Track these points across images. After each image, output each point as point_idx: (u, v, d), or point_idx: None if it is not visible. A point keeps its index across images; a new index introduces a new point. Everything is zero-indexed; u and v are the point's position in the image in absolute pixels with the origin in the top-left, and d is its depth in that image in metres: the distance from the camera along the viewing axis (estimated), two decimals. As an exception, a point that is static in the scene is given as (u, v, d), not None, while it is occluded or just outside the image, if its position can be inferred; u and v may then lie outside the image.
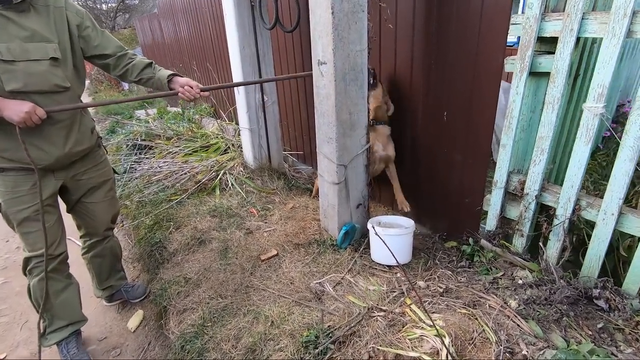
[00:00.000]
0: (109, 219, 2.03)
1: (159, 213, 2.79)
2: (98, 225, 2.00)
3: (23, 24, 1.49)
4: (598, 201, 1.58)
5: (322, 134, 2.14)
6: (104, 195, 1.95)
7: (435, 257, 2.15)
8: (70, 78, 1.65)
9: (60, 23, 1.59)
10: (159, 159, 3.88)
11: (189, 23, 5.79)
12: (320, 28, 1.88)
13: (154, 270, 2.31)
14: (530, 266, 1.81)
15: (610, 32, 1.34)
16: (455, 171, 2.18)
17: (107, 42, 1.77)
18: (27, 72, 1.49)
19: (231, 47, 3.00)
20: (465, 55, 1.89)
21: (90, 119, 1.84)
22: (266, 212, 2.77)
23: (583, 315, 1.54)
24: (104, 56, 1.77)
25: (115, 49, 1.78)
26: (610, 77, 1.38)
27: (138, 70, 1.80)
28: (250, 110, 3.11)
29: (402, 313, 1.70)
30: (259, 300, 1.89)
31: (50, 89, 1.56)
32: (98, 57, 1.77)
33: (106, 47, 1.76)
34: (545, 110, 1.61)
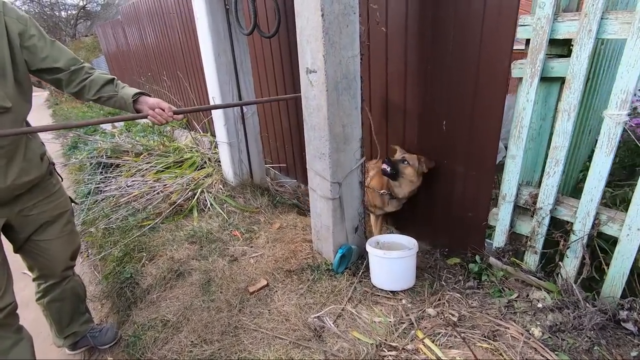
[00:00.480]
0: (67, 256, 1.73)
1: (129, 242, 2.48)
2: (54, 265, 1.69)
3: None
4: (621, 215, 1.46)
5: (314, 149, 1.93)
6: (60, 231, 1.65)
7: (441, 278, 1.99)
8: (11, 96, 1.35)
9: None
10: (128, 178, 3.54)
11: (156, 29, 5.45)
12: (308, 32, 1.68)
13: (126, 311, 2.01)
14: (547, 286, 1.67)
15: (636, 32, 1.22)
16: (457, 183, 2.03)
17: (58, 53, 1.47)
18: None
19: (204, 54, 2.74)
20: (466, 60, 1.74)
21: (39, 143, 1.54)
22: (251, 234, 2.52)
23: (613, 342, 1.41)
24: (55, 70, 1.47)
25: (68, 62, 1.49)
26: (635, 81, 1.26)
27: (97, 87, 1.51)
28: (229, 122, 2.86)
29: (415, 350, 1.51)
30: (251, 343, 1.64)
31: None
32: (47, 72, 1.47)
33: (57, 59, 1.47)
34: (560, 119, 1.48)
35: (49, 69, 1.46)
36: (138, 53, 6.71)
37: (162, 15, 5.01)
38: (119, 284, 2.13)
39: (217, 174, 3.24)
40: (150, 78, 6.27)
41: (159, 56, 5.68)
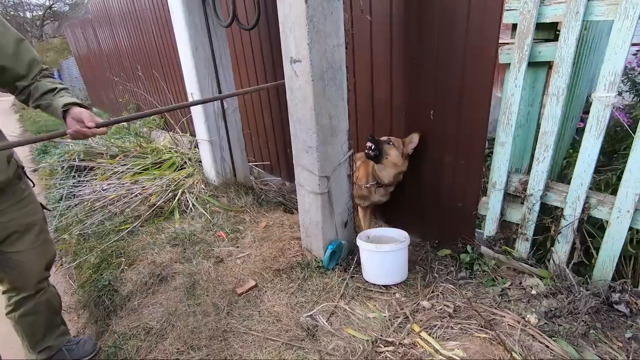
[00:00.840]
0: (42, 267, 1.60)
1: (107, 247, 2.34)
2: (28, 278, 1.56)
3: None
4: (610, 198, 1.46)
5: (300, 143, 1.86)
6: (33, 241, 1.52)
7: (433, 270, 1.96)
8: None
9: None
10: (103, 181, 3.36)
11: (128, 28, 5.24)
12: (291, 20, 1.61)
13: (105, 321, 1.88)
14: (539, 273, 1.67)
15: (622, 13, 1.22)
16: (445, 173, 2.01)
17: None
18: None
19: (181, 48, 2.63)
20: (453, 47, 1.71)
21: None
22: (237, 234, 2.43)
23: (608, 324, 1.41)
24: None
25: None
26: (623, 63, 1.26)
27: (38, 94, 1.37)
28: (209, 119, 2.75)
29: (412, 344, 1.47)
30: (242, 347, 1.56)
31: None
32: None
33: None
34: (550, 103, 1.47)
35: None
36: (111, 53, 6.45)
37: (135, 13, 4.82)
38: (97, 292, 2.00)
39: (198, 174, 3.12)
40: (124, 78, 6.03)
41: (133, 55, 5.46)
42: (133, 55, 5.48)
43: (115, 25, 5.70)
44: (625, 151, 1.87)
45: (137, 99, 5.92)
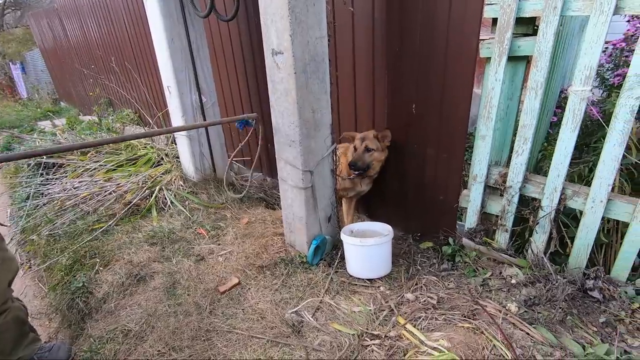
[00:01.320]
0: (4, 287, 1.49)
1: (79, 248, 2.23)
2: None
3: None
4: (585, 189, 1.52)
5: (283, 137, 1.83)
6: None
7: (416, 262, 1.98)
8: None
9: None
10: (74, 179, 3.21)
11: (98, 18, 5.00)
12: (272, 11, 1.57)
13: (79, 325, 1.79)
14: (518, 262, 1.72)
15: (598, 8, 1.25)
16: (427, 167, 2.03)
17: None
18: None
19: (156, 40, 2.52)
20: (435, 40, 1.72)
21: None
22: (218, 231, 2.37)
23: (583, 310, 1.46)
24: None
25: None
26: (597, 58, 1.30)
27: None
28: (187, 114, 2.66)
29: (398, 337, 1.48)
30: (225, 346, 1.52)
31: None
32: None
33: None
34: (528, 97, 1.50)
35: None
36: (79, 45, 6.14)
37: (106, 3, 4.60)
38: (70, 295, 1.91)
39: (176, 170, 3.02)
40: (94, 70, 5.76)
41: (104, 47, 5.22)
42: (104, 47, 5.24)
43: (84, 14, 5.43)
44: (596, 144, 1.94)
45: (109, 92, 5.67)
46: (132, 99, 4.92)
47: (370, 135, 2.02)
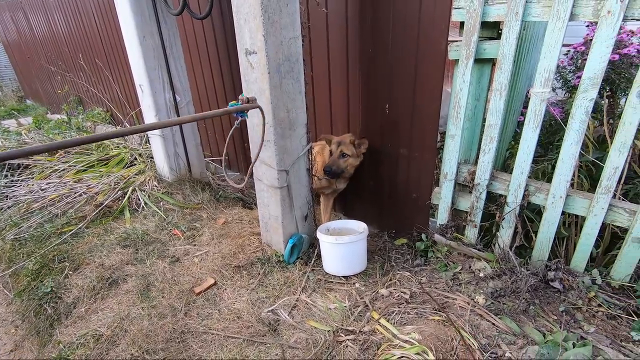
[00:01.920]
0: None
1: (47, 252, 2.15)
2: None
3: None
4: (546, 185, 1.60)
5: (257, 137, 1.83)
6: None
7: (391, 259, 2.03)
8: None
9: None
10: (41, 180, 3.08)
11: (66, 13, 4.80)
12: (246, 10, 1.57)
13: (48, 331, 1.74)
14: (486, 256, 1.79)
15: (555, 15, 1.33)
16: (401, 166, 2.08)
17: None
18: None
19: (127, 37, 2.46)
20: (406, 42, 1.76)
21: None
22: (193, 232, 2.34)
23: (545, 300, 1.55)
24: None
25: None
26: (556, 62, 1.37)
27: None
28: (160, 112, 2.61)
29: (372, 331, 1.52)
30: (201, 347, 1.52)
31: None
32: None
33: None
34: (493, 98, 1.57)
35: None
36: (46, 40, 5.87)
37: (73, -4, 4.43)
38: (37, 301, 1.84)
39: (150, 170, 2.96)
40: (62, 67, 5.54)
41: (73, 42, 5.02)
42: (72, 43, 5.04)
43: (50, 8, 5.20)
44: (558, 142, 2.04)
45: (79, 90, 5.47)
46: (104, 98, 4.76)
47: (347, 141, 2.05)
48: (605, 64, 1.29)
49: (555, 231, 1.66)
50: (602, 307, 1.49)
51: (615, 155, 1.37)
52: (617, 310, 1.47)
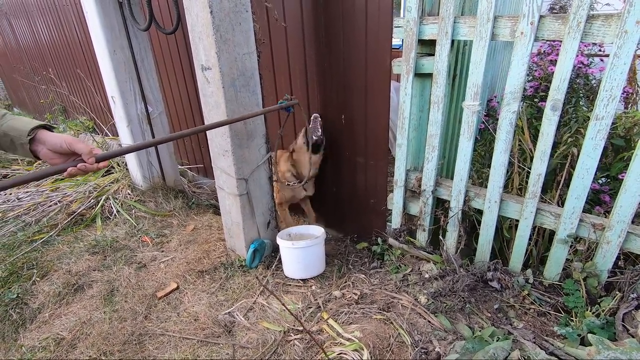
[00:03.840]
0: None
1: (17, 259, 2.21)
2: None
3: None
4: (483, 191, 1.71)
5: (216, 147, 1.92)
6: None
7: (349, 262, 2.13)
8: None
9: None
10: (18, 189, 3.13)
11: (48, 23, 4.88)
12: (199, 29, 1.67)
13: (12, 336, 1.79)
14: (433, 258, 1.89)
15: (478, 35, 1.44)
16: (358, 173, 2.18)
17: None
18: None
19: (98, 51, 2.55)
20: (357, 57, 1.88)
21: None
22: (162, 238, 2.42)
23: (481, 299, 1.65)
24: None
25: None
26: (482, 77, 1.49)
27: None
28: (132, 123, 2.70)
29: (319, 330, 1.61)
30: (156, 349, 1.59)
31: None
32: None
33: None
34: (432, 110, 1.68)
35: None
36: (30, 49, 5.94)
37: (55, 7, 4.51)
38: (3, 307, 1.90)
39: (125, 179, 3.03)
40: (47, 77, 5.60)
41: (55, 53, 5.10)
42: (55, 52, 5.11)
43: (33, 18, 5.27)
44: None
45: (63, 99, 5.53)
46: (87, 107, 4.83)
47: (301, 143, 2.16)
48: (523, 80, 1.41)
49: (495, 234, 1.77)
50: (534, 304, 1.60)
51: (538, 163, 1.49)
52: (547, 308, 1.58)
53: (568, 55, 1.29)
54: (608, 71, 1.23)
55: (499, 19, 1.40)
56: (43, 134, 0.95)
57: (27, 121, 0.95)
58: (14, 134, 0.92)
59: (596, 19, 1.23)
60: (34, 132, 0.93)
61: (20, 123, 0.94)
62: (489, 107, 2.99)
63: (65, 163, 0.97)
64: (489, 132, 2.11)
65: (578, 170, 1.40)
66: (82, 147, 0.97)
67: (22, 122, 0.94)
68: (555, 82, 1.35)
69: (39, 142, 0.95)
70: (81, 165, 0.97)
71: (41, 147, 0.95)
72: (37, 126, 0.94)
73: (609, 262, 1.48)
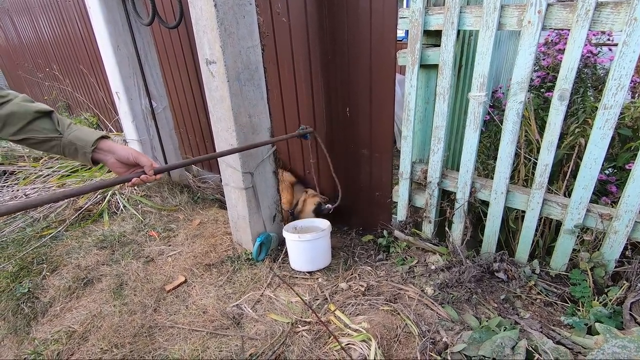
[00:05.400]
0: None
1: (27, 255, 2.24)
2: None
3: None
4: (489, 182, 1.71)
5: (222, 141, 1.93)
6: None
7: (355, 255, 2.14)
8: None
9: None
10: (25, 186, 3.17)
11: (50, 19, 4.88)
12: (203, 23, 1.66)
13: (25, 329, 1.83)
14: (439, 250, 1.90)
15: (485, 25, 1.43)
16: (363, 166, 2.19)
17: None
18: None
19: (102, 46, 2.55)
20: (361, 49, 1.87)
21: None
22: (169, 232, 2.44)
23: (488, 290, 1.66)
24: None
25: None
26: (488, 67, 1.48)
27: (21, 122, 0.95)
28: (137, 118, 2.70)
29: (327, 322, 1.62)
30: (166, 341, 1.62)
31: None
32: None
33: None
34: (437, 101, 1.67)
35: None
36: (33, 46, 5.95)
37: (57, 3, 4.50)
38: (15, 301, 1.93)
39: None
40: (49, 74, 5.61)
41: (58, 49, 5.10)
42: (58, 49, 5.11)
43: (35, 15, 5.27)
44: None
45: (66, 96, 5.55)
46: (90, 103, 4.84)
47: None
48: (530, 69, 1.40)
49: (502, 225, 1.77)
50: (541, 294, 1.60)
51: (545, 154, 1.48)
52: (553, 298, 1.58)
53: (576, 44, 1.28)
54: (617, 59, 1.22)
55: (505, 8, 1.39)
56: (107, 144, 1.07)
57: (90, 132, 1.05)
58: (79, 143, 1.02)
59: (605, 6, 1.22)
60: (97, 142, 1.04)
61: (84, 133, 1.04)
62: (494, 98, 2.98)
63: (130, 174, 1.12)
64: (495, 123, 2.10)
65: (585, 160, 1.40)
66: (145, 160, 1.11)
67: (86, 133, 1.05)
68: (563, 71, 1.34)
69: (103, 151, 1.06)
70: (143, 177, 1.12)
71: (109, 156, 1.07)
72: (99, 137, 1.05)
73: (616, 252, 1.47)
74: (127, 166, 1.12)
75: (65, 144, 1.01)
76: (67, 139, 1.01)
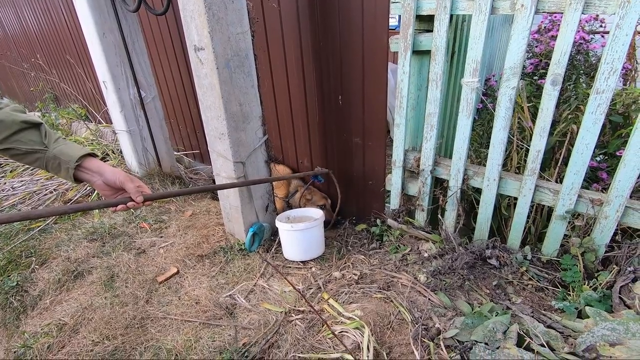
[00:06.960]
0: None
1: (14, 248, 2.20)
2: None
3: None
4: (482, 169, 1.70)
5: (212, 130, 1.89)
6: None
7: (348, 244, 2.13)
8: None
9: None
10: (12, 179, 3.10)
11: (34, 8, 4.73)
12: (191, 8, 1.62)
13: (14, 323, 1.80)
14: (432, 238, 1.90)
15: (478, 9, 1.41)
16: (357, 154, 2.17)
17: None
18: None
19: (87, 34, 2.48)
20: (353, 35, 1.84)
21: None
22: (161, 224, 2.41)
23: (480, 276, 1.66)
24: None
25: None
26: (481, 52, 1.46)
27: (7, 132, 0.92)
28: (125, 108, 2.65)
29: (320, 310, 1.62)
30: (158, 332, 1.60)
31: None
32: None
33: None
34: (430, 88, 1.65)
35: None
36: (17, 36, 5.78)
37: (41, -10, 4.37)
38: (3, 295, 1.90)
39: (120, 166, 3.00)
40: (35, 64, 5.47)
41: (44, 39, 4.96)
42: (44, 39, 4.98)
43: (19, 4, 5.11)
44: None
45: (54, 87, 5.42)
46: (78, 94, 4.74)
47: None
48: (523, 54, 1.38)
49: (494, 212, 1.77)
50: (532, 280, 1.62)
51: (537, 139, 1.48)
52: (544, 283, 1.60)
53: (569, 27, 1.27)
54: (610, 43, 1.21)
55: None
56: (96, 164, 1.02)
57: (77, 147, 1.01)
58: (63, 158, 0.98)
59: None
60: (82, 159, 1.00)
61: (69, 148, 1.00)
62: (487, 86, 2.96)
63: (117, 199, 1.06)
64: (487, 111, 2.09)
65: (577, 145, 1.40)
66: (131, 187, 1.05)
67: (72, 148, 1.00)
68: (556, 56, 1.33)
69: (91, 172, 1.02)
70: (130, 204, 1.07)
71: (97, 177, 1.03)
72: (85, 154, 1.01)
73: (607, 237, 1.49)
74: (113, 189, 1.07)
75: (49, 158, 0.97)
76: (51, 152, 0.97)
